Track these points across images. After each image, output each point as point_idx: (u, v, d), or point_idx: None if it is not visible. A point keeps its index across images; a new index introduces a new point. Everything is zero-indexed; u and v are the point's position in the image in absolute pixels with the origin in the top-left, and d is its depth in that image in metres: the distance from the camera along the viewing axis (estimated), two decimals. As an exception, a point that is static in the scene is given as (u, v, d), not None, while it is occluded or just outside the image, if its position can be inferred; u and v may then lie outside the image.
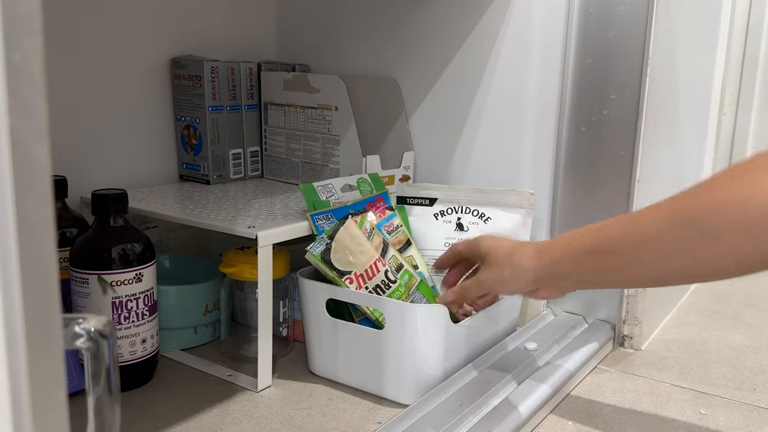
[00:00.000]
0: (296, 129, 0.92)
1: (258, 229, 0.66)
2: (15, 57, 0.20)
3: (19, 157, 0.21)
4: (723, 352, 0.83)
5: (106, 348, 0.31)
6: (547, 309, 0.86)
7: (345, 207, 0.73)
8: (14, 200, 0.21)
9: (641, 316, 0.82)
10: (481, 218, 0.79)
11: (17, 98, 0.21)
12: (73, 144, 0.81)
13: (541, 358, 0.72)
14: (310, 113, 0.89)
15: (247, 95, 0.93)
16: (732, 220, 0.45)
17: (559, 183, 0.83)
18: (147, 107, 0.89)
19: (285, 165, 0.94)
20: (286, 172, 0.95)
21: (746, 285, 1.11)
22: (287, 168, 0.94)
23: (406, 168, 0.92)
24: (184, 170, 0.93)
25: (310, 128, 0.90)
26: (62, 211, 0.71)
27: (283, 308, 0.78)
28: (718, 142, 1.14)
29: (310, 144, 0.90)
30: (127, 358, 0.66)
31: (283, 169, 0.95)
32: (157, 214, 0.74)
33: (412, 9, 0.92)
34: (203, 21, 0.95)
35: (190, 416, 0.63)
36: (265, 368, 0.69)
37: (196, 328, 0.79)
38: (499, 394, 0.64)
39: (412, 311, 0.64)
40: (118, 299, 0.65)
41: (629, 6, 0.75)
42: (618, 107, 0.78)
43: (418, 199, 0.81)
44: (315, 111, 0.89)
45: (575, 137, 0.81)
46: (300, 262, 0.72)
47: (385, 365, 0.66)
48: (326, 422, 0.63)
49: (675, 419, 0.66)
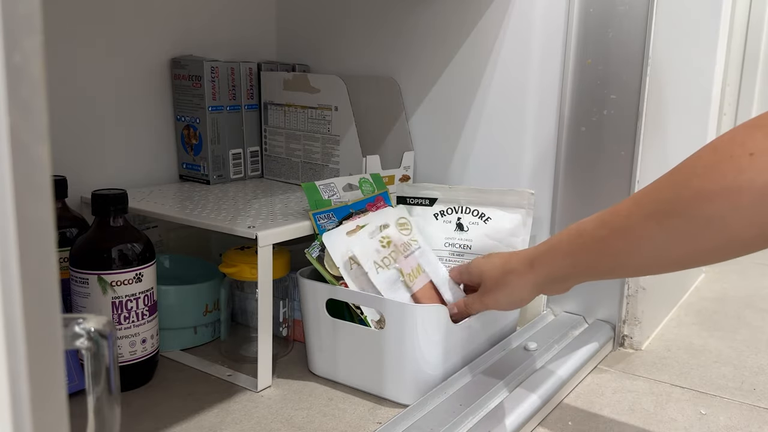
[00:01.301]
0: (296, 129, 0.92)
1: (258, 229, 0.66)
2: (15, 57, 0.20)
3: (19, 157, 0.21)
4: (723, 352, 0.83)
5: (106, 348, 0.31)
6: (547, 309, 0.86)
7: (346, 206, 0.73)
8: (14, 200, 0.21)
9: (641, 316, 0.82)
10: (481, 218, 0.79)
11: (17, 98, 0.21)
12: (73, 144, 0.81)
13: (541, 358, 0.72)
14: (310, 113, 0.89)
15: (247, 95, 0.93)
16: (722, 209, 0.43)
17: (559, 183, 0.83)
18: (147, 107, 0.89)
19: (285, 165, 0.94)
20: (286, 172, 0.94)
21: (746, 285, 1.11)
22: (287, 168, 0.94)
23: (406, 168, 0.92)
24: (184, 170, 0.93)
25: (310, 128, 0.90)
26: (62, 211, 0.71)
27: (283, 308, 0.78)
28: (718, 142, 1.14)
29: (310, 144, 0.90)
30: (127, 358, 0.66)
31: (283, 169, 0.95)
32: (157, 214, 0.74)
33: (412, 9, 0.92)
34: (203, 21, 0.95)
35: (190, 416, 0.63)
36: (265, 368, 0.69)
37: (196, 328, 0.79)
38: (499, 395, 0.64)
39: (412, 311, 0.64)
40: (118, 299, 0.65)
41: (629, 6, 0.75)
42: (618, 107, 0.78)
43: (418, 199, 0.81)
44: (315, 111, 0.89)
45: (575, 137, 0.81)
46: (300, 262, 0.72)
47: (385, 365, 0.66)
48: (326, 422, 0.63)
49: (675, 419, 0.66)
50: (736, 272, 1.19)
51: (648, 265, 0.52)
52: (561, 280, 0.59)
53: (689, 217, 0.45)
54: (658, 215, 0.47)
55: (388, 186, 0.85)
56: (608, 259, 0.53)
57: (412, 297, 0.69)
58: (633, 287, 0.82)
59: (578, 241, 0.55)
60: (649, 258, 0.50)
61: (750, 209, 0.42)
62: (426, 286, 0.72)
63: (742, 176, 0.42)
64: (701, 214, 0.45)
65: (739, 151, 0.43)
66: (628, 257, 0.51)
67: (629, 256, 0.51)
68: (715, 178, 0.44)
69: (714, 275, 1.16)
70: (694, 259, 0.49)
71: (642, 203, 0.49)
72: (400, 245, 0.72)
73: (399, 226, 0.75)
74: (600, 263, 0.54)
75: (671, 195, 0.47)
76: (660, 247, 0.48)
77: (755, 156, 0.42)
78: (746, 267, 1.22)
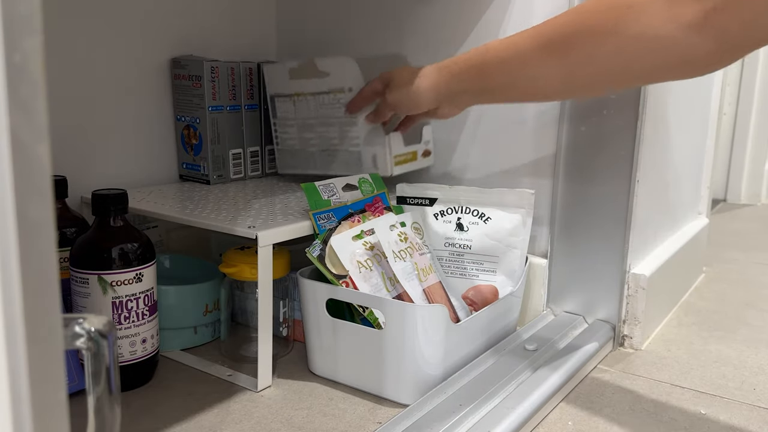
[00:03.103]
0: (308, 117, 0.88)
1: (258, 229, 0.66)
2: (15, 57, 0.20)
3: (20, 157, 0.21)
4: (723, 351, 0.83)
5: (106, 348, 0.31)
6: (547, 309, 0.86)
7: (345, 207, 0.73)
8: (14, 200, 0.21)
9: (641, 316, 0.82)
10: (481, 218, 0.79)
11: (17, 98, 0.21)
12: (73, 144, 0.81)
13: (540, 358, 0.72)
14: (322, 99, 0.86)
15: (247, 95, 0.93)
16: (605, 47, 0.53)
17: (559, 183, 0.83)
18: (147, 107, 0.89)
19: (300, 156, 0.91)
20: (303, 163, 0.91)
21: (746, 285, 1.11)
22: (303, 159, 0.91)
23: (426, 143, 0.89)
24: (184, 170, 0.93)
25: (324, 114, 0.86)
26: (62, 211, 0.71)
27: (283, 308, 0.78)
28: (718, 142, 1.14)
29: (325, 130, 0.87)
30: (127, 358, 0.66)
31: (298, 160, 0.91)
32: (157, 214, 0.74)
33: (412, 9, 0.92)
34: (203, 21, 0.95)
35: (190, 416, 0.63)
36: (265, 368, 0.69)
37: (196, 328, 0.79)
38: (499, 394, 0.64)
39: (412, 311, 0.65)
40: (118, 299, 0.65)
41: (629, 6, 0.75)
42: (618, 107, 0.78)
43: (418, 199, 0.81)
44: (327, 96, 0.85)
45: (575, 137, 0.81)
46: (300, 262, 0.72)
47: (385, 365, 0.66)
48: (326, 422, 0.63)
49: (675, 419, 0.66)
50: (736, 272, 1.19)
51: (531, 90, 0.62)
52: (457, 93, 0.67)
53: (576, 52, 0.55)
54: (551, 46, 0.56)
55: (411, 162, 0.85)
56: (501, 78, 0.62)
57: (424, 291, 0.70)
58: (633, 287, 0.82)
59: (484, 56, 0.63)
60: (534, 83, 0.60)
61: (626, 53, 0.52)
62: (437, 284, 0.72)
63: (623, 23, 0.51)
64: (584, 51, 0.54)
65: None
66: (518, 79, 0.61)
67: (520, 78, 0.60)
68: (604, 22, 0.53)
69: (714, 275, 1.16)
70: (571, 90, 0.61)
71: (542, 33, 0.58)
72: (415, 244, 0.73)
73: (414, 229, 0.75)
74: (493, 80, 0.62)
75: (566, 30, 0.56)
76: (545, 75, 0.58)
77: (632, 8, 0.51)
78: (746, 267, 1.22)
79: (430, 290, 0.71)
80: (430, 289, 0.71)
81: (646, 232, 0.87)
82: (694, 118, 1.04)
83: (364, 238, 0.70)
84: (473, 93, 0.66)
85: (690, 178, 1.07)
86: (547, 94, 0.63)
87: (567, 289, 0.84)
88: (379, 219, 0.74)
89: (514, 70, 0.60)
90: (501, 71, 0.61)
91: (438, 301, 0.70)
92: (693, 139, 1.05)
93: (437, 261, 0.78)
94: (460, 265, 0.79)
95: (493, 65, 0.62)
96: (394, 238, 0.71)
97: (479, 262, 0.78)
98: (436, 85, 0.68)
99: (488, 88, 0.64)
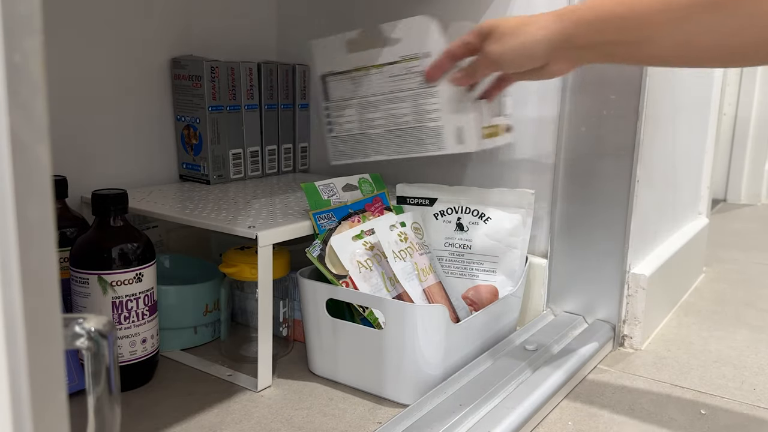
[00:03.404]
0: (371, 95, 0.78)
1: (258, 229, 0.66)
2: (15, 57, 0.20)
3: (19, 157, 0.21)
4: (723, 352, 0.83)
5: (106, 348, 0.31)
6: (547, 309, 0.86)
7: (345, 207, 0.73)
8: (14, 200, 0.21)
9: (641, 316, 0.82)
10: (481, 218, 0.79)
11: (17, 98, 0.21)
12: (73, 144, 0.81)
13: (540, 358, 0.72)
14: (391, 70, 0.75)
15: (247, 95, 0.93)
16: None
17: (559, 183, 0.83)
18: (147, 107, 0.89)
19: (361, 141, 0.80)
20: (364, 149, 0.80)
21: (746, 285, 1.11)
22: (364, 144, 0.80)
23: (508, 116, 0.81)
24: (184, 170, 0.93)
25: (393, 89, 0.76)
26: (62, 211, 0.71)
27: (283, 308, 0.78)
28: (718, 142, 1.14)
29: (394, 107, 0.76)
30: (127, 358, 0.66)
31: (357, 147, 0.81)
32: (157, 214, 0.74)
33: (412, 10, 0.92)
34: (203, 21, 0.95)
35: (190, 416, 0.63)
36: (265, 368, 0.69)
37: (196, 328, 0.79)
38: (499, 394, 0.64)
39: (412, 311, 0.65)
40: (118, 299, 0.65)
41: (629, 6, 0.75)
42: (618, 107, 0.78)
43: (418, 199, 0.81)
44: (397, 66, 0.75)
45: (575, 137, 0.81)
46: (300, 262, 0.72)
47: (385, 365, 0.66)
48: (326, 422, 0.63)
49: (675, 419, 0.66)
50: (736, 272, 1.19)
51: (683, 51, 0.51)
52: (584, 48, 0.55)
53: (729, 12, 0.47)
54: (707, 5, 0.48)
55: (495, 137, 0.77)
56: (638, 32, 0.52)
57: (424, 291, 0.70)
58: (633, 287, 0.82)
59: (632, 5, 0.52)
60: (680, 43, 0.50)
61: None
62: (436, 285, 0.72)
63: None
64: (746, 11, 0.46)
65: None
66: (673, 34, 0.50)
67: (662, 34, 0.51)
68: None
69: (714, 275, 1.16)
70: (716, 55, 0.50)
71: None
72: (415, 244, 0.73)
73: (414, 229, 0.75)
74: (629, 35, 0.52)
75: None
76: (696, 33, 0.49)
77: None
78: (746, 267, 1.22)
79: (430, 290, 0.71)
80: (430, 289, 0.71)
81: (646, 232, 0.87)
82: (694, 118, 1.04)
83: (364, 238, 0.70)
84: (606, 48, 0.55)
85: (690, 178, 1.07)
86: (701, 58, 0.52)
87: (567, 289, 0.85)
88: (379, 219, 0.74)
89: (669, 23, 0.50)
90: (651, 24, 0.51)
91: (438, 301, 0.70)
92: (693, 139, 1.05)
93: (437, 261, 0.78)
94: (460, 265, 0.79)
95: (643, 17, 0.51)
96: (394, 238, 0.71)
97: (479, 262, 0.78)
98: (559, 34, 0.56)
99: (630, 42, 0.53)
